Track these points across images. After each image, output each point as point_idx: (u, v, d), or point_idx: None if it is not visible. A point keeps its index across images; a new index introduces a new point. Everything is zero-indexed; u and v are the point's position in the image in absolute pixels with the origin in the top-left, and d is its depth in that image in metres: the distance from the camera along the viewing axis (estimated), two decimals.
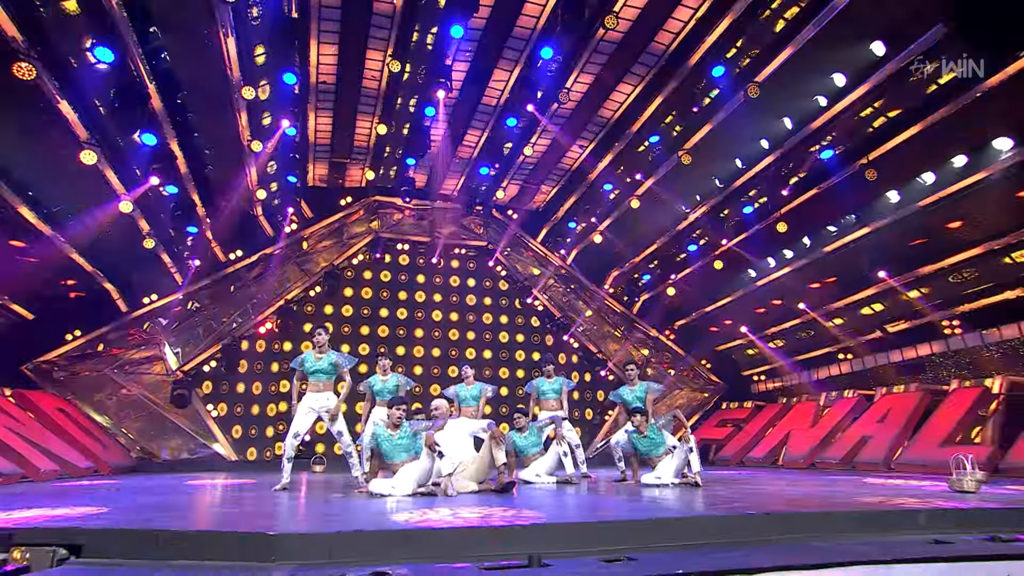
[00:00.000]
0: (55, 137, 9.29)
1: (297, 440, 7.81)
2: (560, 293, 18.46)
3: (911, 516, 4.68)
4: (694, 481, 7.44)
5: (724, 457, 15.88)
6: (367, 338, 17.02)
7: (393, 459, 6.98)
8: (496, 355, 17.87)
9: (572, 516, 4.60)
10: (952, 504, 5.14)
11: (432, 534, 3.93)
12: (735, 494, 6.36)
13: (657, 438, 8.03)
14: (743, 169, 13.64)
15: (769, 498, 5.88)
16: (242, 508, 5.40)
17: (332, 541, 3.74)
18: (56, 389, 13.59)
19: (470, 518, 4.44)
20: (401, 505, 5.45)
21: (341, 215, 16.52)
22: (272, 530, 3.75)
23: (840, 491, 6.67)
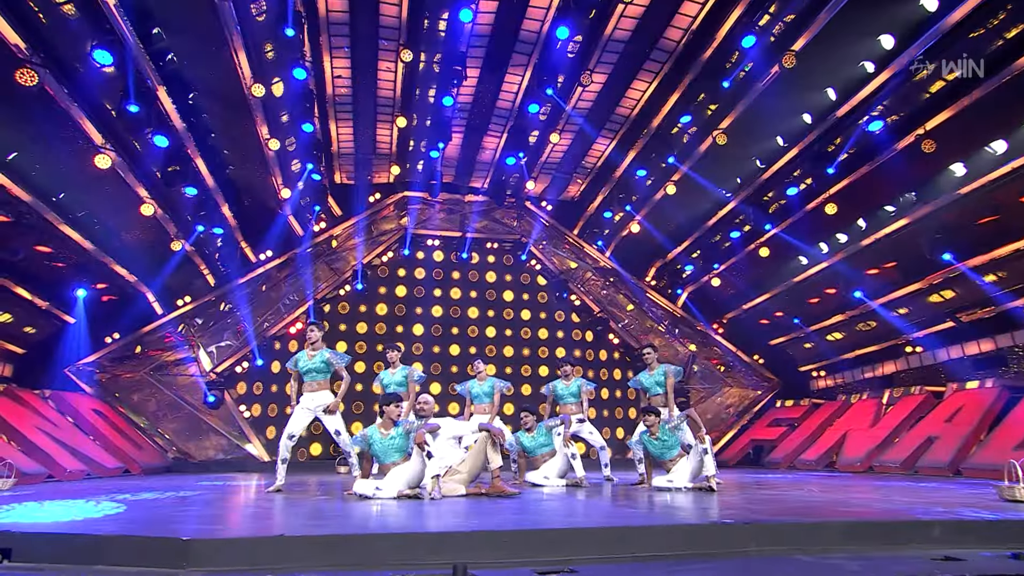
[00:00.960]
0: (70, 142, 9.64)
1: (292, 441, 7.77)
2: (599, 287, 18.00)
3: (923, 528, 4.14)
4: (707, 486, 6.96)
5: (774, 460, 15.06)
6: (401, 336, 17.07)
7: (385, 460, 6.83)
8: (535, 352, 17.60)
9: (523, 523, 4.29)
10: (977, 515, 4.53)
11: (359, 540, 3.74)
12: (744, 501, 5.89)
13: (670, 440, 7.59)
14: (785, 147, 12.86)
15: (778, 506, 5.39)
16: (190, 511, 5.34)
17: (249, 547, 3.60)
18: (98, 391, 14.23)
19: (410, 523, 4.21)
20: (363, 508, 5.27)
21: (369, 212, 16.61)
22: (186, 535, 3.62)
23: (869, 498, 6.07)
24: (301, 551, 3.61)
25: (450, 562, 3.32)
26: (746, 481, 9.34)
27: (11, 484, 8.15)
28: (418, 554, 3.60)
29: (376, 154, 15.50)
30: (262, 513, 4.99)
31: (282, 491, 7.48)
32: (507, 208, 17.15)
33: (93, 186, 10.56)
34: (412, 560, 3.56)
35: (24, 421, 10.30)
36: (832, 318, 16.35)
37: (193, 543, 3.55)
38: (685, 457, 7.44)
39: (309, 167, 13.53)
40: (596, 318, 17.58)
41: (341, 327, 16.87)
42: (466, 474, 6.76)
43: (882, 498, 6.03)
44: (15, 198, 9.77)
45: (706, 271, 16.48)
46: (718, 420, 18.05)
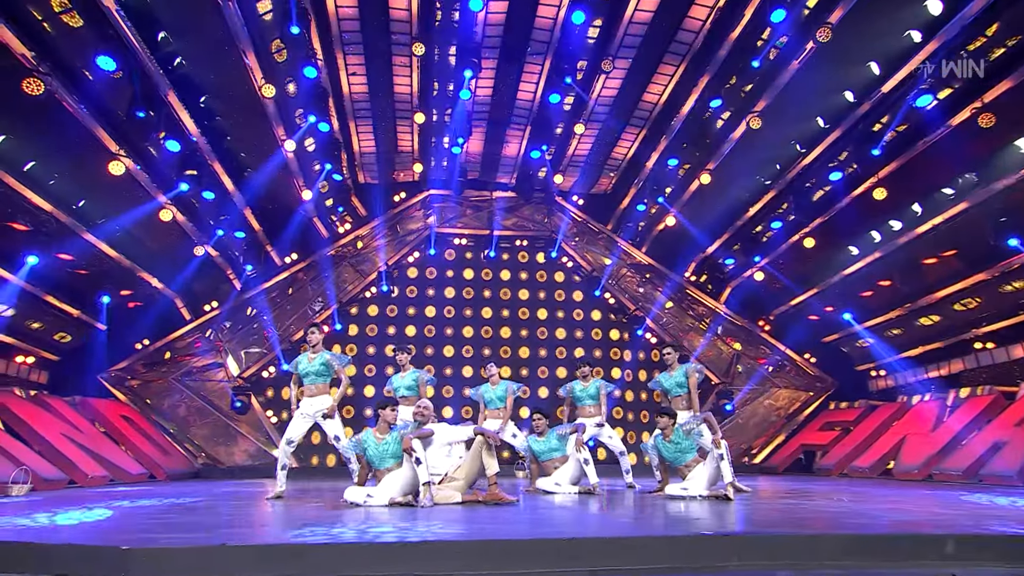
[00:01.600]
0: (85, 150, 9.97)
1: (291, 447, 7.82)
2: (635, 284, 17.61)
3: (933, 543, 3.78)
4: (723, 494, 6.63)
5: (825, 466, 14.38)
6: (431, 340, 17.11)
7: (380, 466, 6.78)
8: (570, 353, 17.34)
9: (475, 533, 4.14)
10: (1005, 529, 4.11)
11: (308, 550, 3.66)
12: (750, 510, 5.57)
13: (684, 443, 7.27)
14: (826, 129, 12.24)
15: (782, 516, 5.06)
16: (166, 518, 5.38)
17: (189, 556, 3.57)
18: (130, 397, 14.75)
19: (378, 533, 4.10)
20: (333, 517, 5.18)
21: (394, 212, 16.69)
22: (127, 544, 3.60)
23: (899, 508, 5.63)
24: (242, 560, 3.57)
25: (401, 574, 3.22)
26: (778, 489, 8.90)
27: (26, 490, 8.48)
28: (371, 566, 3.52)
29: (398, 152, 15.57)
30: (236, 521, 4.97)
31: (282, 498, 7.52)
32: (535, 204, 16.96)
33: (111, 193, 10.91)
34: (363, 573, 3.48)
35: (50, 428, 10.72)
36: (890, 312, 15.50)
37: (132, 552, 3.54)
38: (702, 463, 7.11)
39: (327, 167, 13.64)
40: (632, 316, 17.19)
41: (370, 330, 17.02)
42: (463, 481, 6.63)
43: (914, 508, 5.59)
44: (35, 207, 10.16)
45: (748, 265, 15.89)
46: (766, 423, 17.41)
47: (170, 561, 3.54)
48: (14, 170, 9.52)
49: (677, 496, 6.98)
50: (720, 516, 5.05)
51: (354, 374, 16.54)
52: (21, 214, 10.01)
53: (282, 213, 15.04)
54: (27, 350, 13.32)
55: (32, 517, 5.34)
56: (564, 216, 17.16)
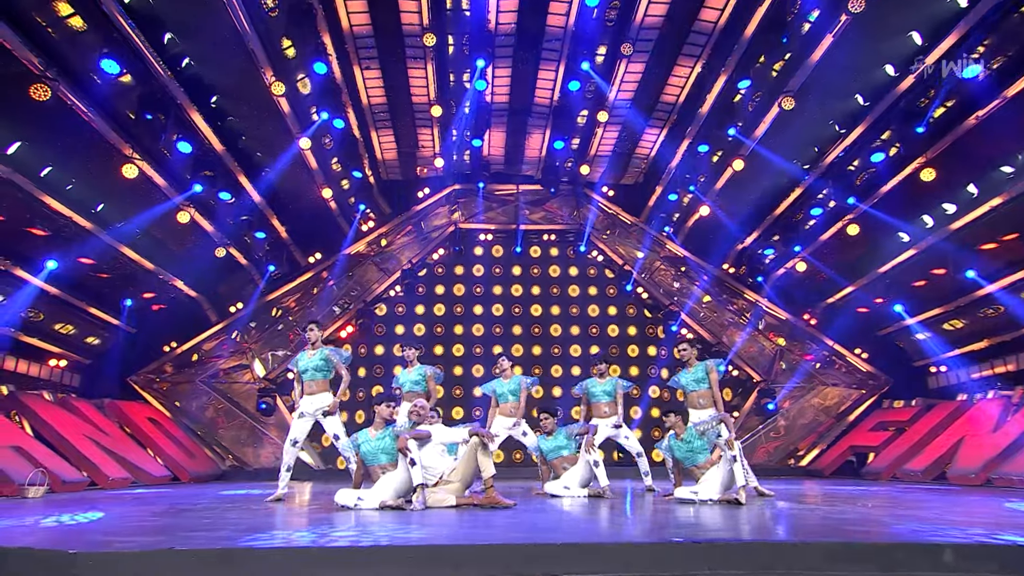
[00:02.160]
0: (99, 154, 10.28)
1: (295, 448, 7.88)
2: (669, 278, 17.23)
3: (929, 552, 3.54)
4: (735, 498, 6.37)
5: (874, 469, 13.76)
6: (460, 338, 17.08)
7: (372, 463, 6.76)
8: (604, 350, 17.08)
9: (454, 538, 4.04)
10: (1006, 539, 3.77)
11: (255, 554, 3.67)
12: (748, 516, 5.34)
13: (697, 443, 7.01)
14: (866, 107, 11.68)
15: (778, 523, 4.80)
16: (144, 522, 5.46)
17: (136, 560, 3.60)
18: (159, 400, 15.22)
19: (334, 537, 4.06)
20: (304, 521, 5.16)
21: (418, 208, 16.73)
22: (74, 548, 3.65)
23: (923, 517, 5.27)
24: (189, 564, 3.59)
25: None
26: (807, 493, 8.56)
27: (43, 492, 8.79)
28: (319, 570, 3.52)
29: (419, 147, 15.59)
30: (208, 525, 5.00)
31: (283, 500, 7.59)
32: (563, 196, 16.75)
33: (128, 196, 11.22)
34: None
35: (74, 430, 11.12)
36: (948, 304, 14.72)
37: (79, 556, 3.58)
38: (716, 465, 6.85)
39: (354, 174, 13.76)
40: (667, 312, 16.81)
41: (398, 329, 17.10)
42: (458, 483, 6.54)
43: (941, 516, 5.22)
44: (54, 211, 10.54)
45: (789, 255, 15.32)
46: (814, 424, 16.79)
47: (116, 565, 3.58)
48: (31, 176, 9.87)
49: (687, 500, 6.74)
50: (707, 522, 4.85)
51: (382, 374, 16.69)
52: (40, 219, 10.39)
53: (304, 212, 15.27)
54: (59, 353, 13.89)
55: (21, 519, 5.49)
56: (593, 208, 16.91)
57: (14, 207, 10.07)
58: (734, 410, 16.75)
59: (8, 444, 9.54)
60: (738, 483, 6.45)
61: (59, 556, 3.58)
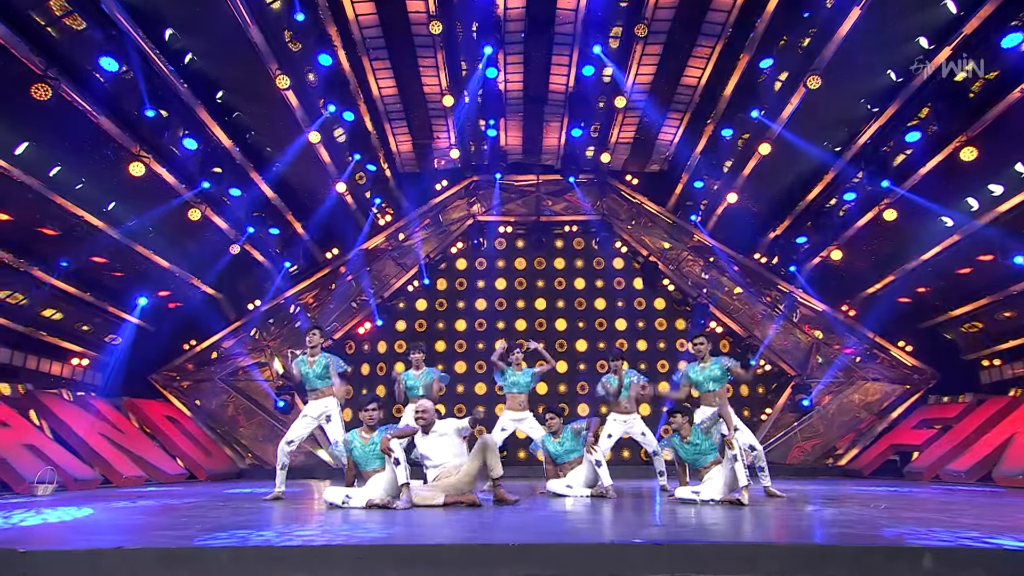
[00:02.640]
0: (106, 152, 10.55)
1: (291, 447, 7.98)
2: (698, 269, 16.90)
3: (905, 555, 3.40)
4: (736, 499, 6.20)
5: (915, 469, 13.26)
6: (481, 334, 17.06)
7: (366, 467, 6.82)
8: (632, 345, 16.89)
9: (406, 538, 4.02)
10: (995, 543, 3.55)
11: (203, 553, 3.73)
12: (734, 517, 5.21)
13: (704, 444, 6.84)
14: (898, 82, 11.21)
15: (768, 525, 4.66)
16: (120, 520, 5.57)
17: (86, 559, 3.69)
18: (180, 398, 15.62)
19: (290, 536, 4.07)
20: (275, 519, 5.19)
21: (436, 201, 16.73)
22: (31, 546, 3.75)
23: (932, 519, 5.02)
24: (135, 564, 3.66)
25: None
26: (823, 494, 8.31)
27: (52, 490, 9.09)
28: (261, 569, 3.57)
29: (434, 138, 15.59)
30: (185, 523, 5.08)
31: (281, 499, 7.69)
32: (584, 186, 16.55)
33: (138, 194, 11.49)
34: None
35: (90, 429, 11.47)
36: (998, 292, 14.07)
37: (29, 555, 3.66)
38: (719, 465, 6.68)
39: (356, 157, 13.84)
40: (696, 304, 16.50)
41: (419, 325, 17.16)
42: (461, 478, 6.52)
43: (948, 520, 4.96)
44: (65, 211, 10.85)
45: (823, 243, 14.85)
46: (854, 421, 16.32)
47: (64, 564, 3.65)
48: (40, 176, 10.17)
49: (688, 500, 6.59)
50: (682, 523, 4.73)
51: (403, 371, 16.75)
52: (51, 219, 10.72)
53: (319, 207, 15.41)
54: (80, 352, 14.35)
55: (7, 518, 5.66)
56: (617, 197, 16.68)
57: (26, 207, 10.39)
58: (766, 407, 16.39)
59: (22, 442, 9.89)
60: (740, 483, 6.27)
61: (8, 555, 3.66)
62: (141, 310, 13.91)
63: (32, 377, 12.93)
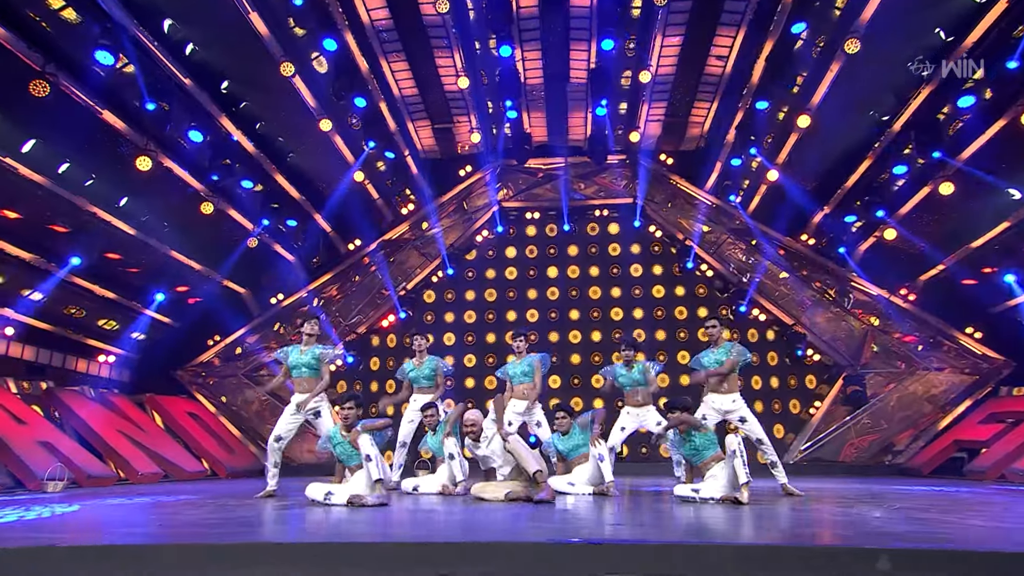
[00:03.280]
0: (113, 147, 10.90)
1: (279, 444, 8.10)
2: (740, 253, 16.42)
3: (862, 557, 3.26)
4: (735, 497, 6.03)
5: (978, 468, 12.61)
6: (512, 326, 16.99)
7: (349, 463, 6.91)
8: (671, 335, 16.57)
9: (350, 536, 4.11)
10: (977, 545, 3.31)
11: (133, 551, 3.87)
12: (711, 516, 5.07)
13: (700, 440, 6.62)
14: (950, 42, 10.58)
15: (742, 525, 4.58)
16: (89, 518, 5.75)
17: (19, 557, 3.82)
18: (205, 394, 16.11)
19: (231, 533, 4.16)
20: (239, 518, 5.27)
21: (461, 187, 16.72)
22: None
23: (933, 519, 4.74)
24: (64, 562, 3.79)
25: None
26: (848, 493, 8.01)
27: (62, 487, 9.49)
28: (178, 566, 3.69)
29: (454, 122, 15.56)
30: (147, 521, 5.23)
31: (274, 496, 7.85)
32: (615, 167, 16.27)
33: (149, 189, 11.81)
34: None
35: (108, 425, 11.94)
36: None
37: None
38: (722, 462, 6.49)
39: (371, 145, 13.92)
40: (737, 291, 16.06)
41: (447, 317, 17.22)
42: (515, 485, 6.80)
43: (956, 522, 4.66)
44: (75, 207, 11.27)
45: (876, 222, 14.23)
46: (915, 415, 15.58)
47: None
48: (49, 173, 10.57)
49: (687, 498, 6.43)
50: (648, 521, 4.64)
51: None
52: (62, 216, 11.15)
53: (338, 198, 15.61)
54: (105, 349, 14.96)
55: None
56: (650, 179, 16.33)
57: (36, 205, 10.83)
58: (816, 399, 15.85)
59: (37, 439, 10.35)
60: (740, 480, 6.07)
61: None
62: (159, 305, 14.36)
63: (57, 375, 13.54)
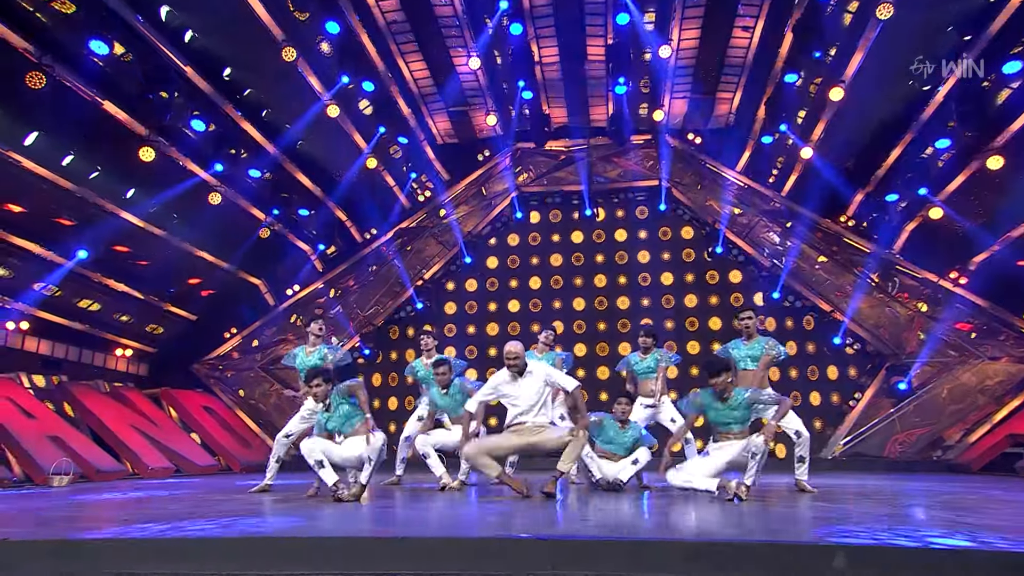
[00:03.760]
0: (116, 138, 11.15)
1: (288, 440, 8.21)
2: (774, 236, 16.03)
3: (814, 554, 3.27)
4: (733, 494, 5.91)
5: None
6: (536, 315, 16.92)
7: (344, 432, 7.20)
8: (703, 325, 16.28)
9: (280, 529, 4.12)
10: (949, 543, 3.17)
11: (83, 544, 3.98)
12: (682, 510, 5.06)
13: (739, 414, 6.48)
14: (991, 2, 10.09)
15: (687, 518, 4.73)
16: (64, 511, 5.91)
17: None
18: (222, 388, 16.45)
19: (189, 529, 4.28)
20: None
21: (479, 173, 16.67)
22: None
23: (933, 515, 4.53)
24: (20, 556, 3.92)
25: None
26: (864, 489, 7.81)
27: (67, 481, 9.80)
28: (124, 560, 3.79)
29: (470, 105, 15.50)
30: (111, 516, 5.36)
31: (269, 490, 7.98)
32: (641, 148, 16.01)
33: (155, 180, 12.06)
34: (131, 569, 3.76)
35: (119, 419, 12.28)
36: None
37: None
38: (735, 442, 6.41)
39: (381, 130, 13.97)
40: (771, 274, 15.70)
41: (469, 307, 17.21)
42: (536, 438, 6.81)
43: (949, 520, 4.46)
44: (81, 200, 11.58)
45: (920, 201, 13.72)
46: (968, 408, 15.02)
47: None
48: (53, 166, 10.87)
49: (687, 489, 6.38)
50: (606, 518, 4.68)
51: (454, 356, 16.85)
52: (67, 209, 11.46)
53: (352, 185, 15.72)
54: (123, 343, 15.39)
55: None
56: (676, 159, 16.04)
57: (41, 198, 11.14)
58: (856, 391, 15.43)
59: (46, 434, 10.70)
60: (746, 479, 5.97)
61: None
62: (173, 298, 14.70)
63: (74, 369, 13.97)
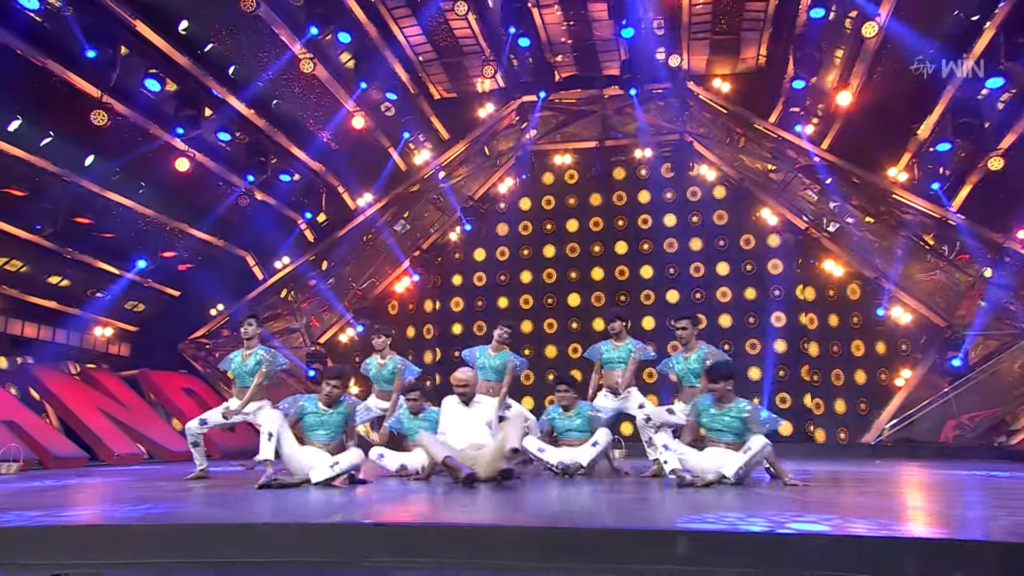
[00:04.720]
0: (65, 101, 11.16)
1: (202, 428, 8.23)
2: (813, 194, 15.39)
3: (658, 540, 3.47)
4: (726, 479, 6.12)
5: None
6: (528, 287, 16.65)
7: None
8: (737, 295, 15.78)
9: None
10: None
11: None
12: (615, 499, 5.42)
13: (735, 424, 6.56)
14: None
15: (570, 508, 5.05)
16: None
17: None
18: (209, 368, 16.58)
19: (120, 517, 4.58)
20: None
21: (480, 131, 16.31)
22: None
23: None
24: None
25: None
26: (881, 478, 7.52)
27: (16, 468, 9.97)
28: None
29: (465, 54, 15.13)
30: (43, 503, 5.52)
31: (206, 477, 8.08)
32: (660, 98, 15.44)
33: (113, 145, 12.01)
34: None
35: (85, 402, 12.48)
36: None
37: None
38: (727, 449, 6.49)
39: (363, 86, 13.73)
40: (809, 240, 15.10)
41: (477, 279, 16.94)
42: None
43: None
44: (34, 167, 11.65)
45: (977, 152, 12.95)
46: None
47: None
48: None
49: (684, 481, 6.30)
50: None
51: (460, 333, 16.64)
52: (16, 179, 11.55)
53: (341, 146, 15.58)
54: (102, 321, 15.56)
55: None
56: (702, 110, 15.46)
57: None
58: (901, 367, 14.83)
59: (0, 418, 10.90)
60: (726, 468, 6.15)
61: None
62: (150, 272, 14.76)
63: (50, 349, 14.20)
